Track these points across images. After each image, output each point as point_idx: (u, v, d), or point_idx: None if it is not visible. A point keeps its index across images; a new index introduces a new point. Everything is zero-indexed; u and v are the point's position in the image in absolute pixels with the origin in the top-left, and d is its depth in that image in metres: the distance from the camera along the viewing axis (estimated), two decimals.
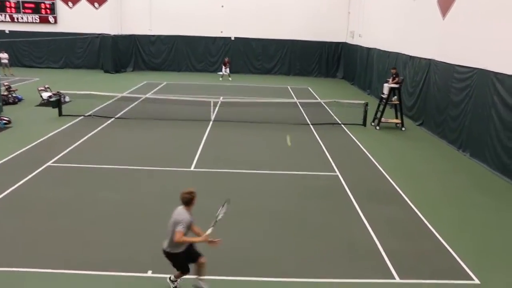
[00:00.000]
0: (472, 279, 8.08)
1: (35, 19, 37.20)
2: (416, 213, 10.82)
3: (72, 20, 37.17)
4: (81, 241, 8.95)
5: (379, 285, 7.83)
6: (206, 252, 7.27)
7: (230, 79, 34.14)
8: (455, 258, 8.79)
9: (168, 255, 7.11)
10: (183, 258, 7.16)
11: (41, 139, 15.99)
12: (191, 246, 7.19)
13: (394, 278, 8.01)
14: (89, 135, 16.77)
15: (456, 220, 10.65)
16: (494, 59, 14.63)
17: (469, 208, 11.39)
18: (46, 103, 21.71)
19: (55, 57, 37.76)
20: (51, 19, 37.19)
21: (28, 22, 37.14)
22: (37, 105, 22.00)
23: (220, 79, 34.28)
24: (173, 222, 6.89)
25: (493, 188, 12.91)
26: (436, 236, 9.67)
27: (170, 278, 7.47)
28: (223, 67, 34.75)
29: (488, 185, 13.11)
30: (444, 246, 9.26)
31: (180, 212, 6.95)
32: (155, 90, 27.72)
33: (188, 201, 6.97)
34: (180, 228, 6.75)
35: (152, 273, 7.90)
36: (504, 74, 13.90)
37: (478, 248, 9.31)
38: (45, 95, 22.46)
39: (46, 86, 23.77)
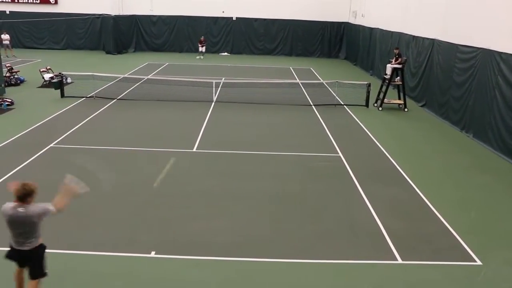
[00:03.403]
0: (474, 260, 8.10)
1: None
2: (418, 194, 10.84)
3: (72, 1, 36.91)
4: (83, 223, 8.99)
5: (382, 266, 7.85)
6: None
7: (202, 58, 34.38)
8: (457, 239, 8.81)
9: (39, 250, 6.19)
10: None
11: (44, 121, 15.99)
12: None
13: (396, 259, 8.03)
14: (91, 116, 16.76)
15: (458, 200, 10.65)
16: (498, 38, 14.49)
17: (471, 189, 11.41)
18: (48, 84, 21.72)
19: (56, 38, 37.56)
20: None
21: (28, 3, 36.90)
22: (39, 87, 21.97)
23: (197, 57, 34.63)
24: (38, 214, 5.93)
25: (496, 169, 12.89)
26: (438, 217, 9.69)
27: None
28: (199, 45, 35.01)
29: (491, 166, 13.09)
30: (446, 226, 9.29)
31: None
32: (157, 71, 27.62)
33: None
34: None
35: (155, 253, 7.94)
36: (509, 53, 13.75)
37: (480, 229, 9.33)
38: (47, 76, 22.44)
39: (48, 67, 23.72)
